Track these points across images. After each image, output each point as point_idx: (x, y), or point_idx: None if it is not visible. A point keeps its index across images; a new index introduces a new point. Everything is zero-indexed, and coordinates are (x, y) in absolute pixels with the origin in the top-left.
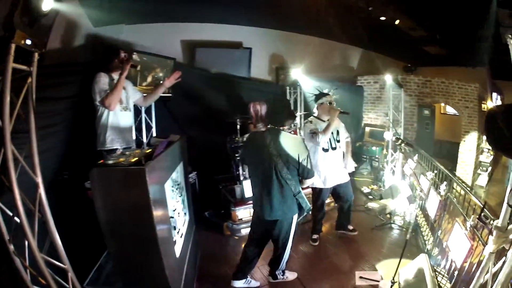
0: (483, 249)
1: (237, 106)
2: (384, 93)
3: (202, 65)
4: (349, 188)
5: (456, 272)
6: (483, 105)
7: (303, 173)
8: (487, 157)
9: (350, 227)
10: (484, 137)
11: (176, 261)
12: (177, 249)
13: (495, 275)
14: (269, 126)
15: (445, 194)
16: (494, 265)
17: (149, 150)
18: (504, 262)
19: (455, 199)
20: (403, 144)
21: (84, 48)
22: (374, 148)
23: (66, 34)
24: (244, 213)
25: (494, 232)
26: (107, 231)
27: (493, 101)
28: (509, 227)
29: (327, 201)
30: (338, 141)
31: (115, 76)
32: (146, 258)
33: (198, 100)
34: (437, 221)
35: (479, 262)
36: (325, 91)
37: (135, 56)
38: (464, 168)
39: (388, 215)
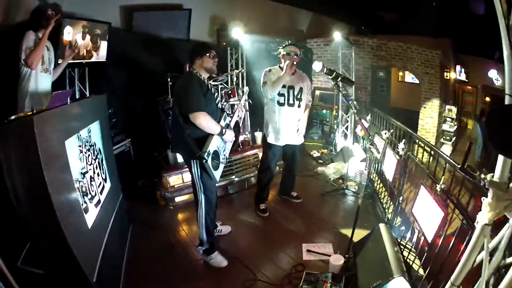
0: (463, 219)
1: (173, 67)
2: (334, 54)
3: (140, 29)
4: (298, 151)
5: (426, 247)
6: (445, 73)
7: (181, 109)
8: (450, 126)
9: (294, 194)
10: (448, 106)
11: (86, 232)
12: (89, 219)
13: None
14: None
15: (405, 153)
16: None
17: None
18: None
19: (417, 159)
20: (339, 79)
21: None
22: (324, 111)
23: (9, 11)
24: (177, 179)
25: (490, 193)
26: (13, 199)
27: (457, 74)
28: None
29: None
30: (299, 100)
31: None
32: (45, 226)
33: (135, 65)
34: (396, 185)
35: (460, 234)
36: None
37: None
38: (425, 135)
39: (340, 180)
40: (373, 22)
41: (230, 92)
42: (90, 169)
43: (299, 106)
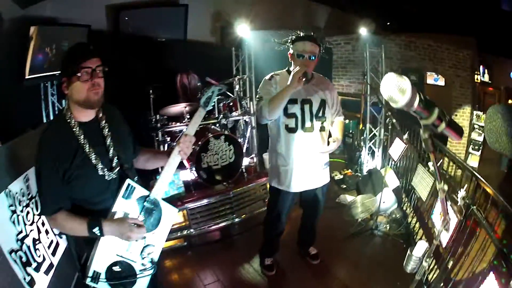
0: None
1: (164, 75)
2: (358, 54)
3: (128, 31)
4: (322, 195)
5: None
6: (476, 76)
7: None
8: (478, 134)
9: (313, 251)
10: (476, 112)
11: None
12: None
13: None
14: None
15: (466, 206)
16: None
17: None
18: None
19: (484, 221)
20: (443, 126)
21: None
22: (347, 121)
23: None
24: None
25: None
26: None
27: (480, 74)
28: None
29: None
30: (321, 120)
31: None
32: None
33: (121, 73)
34: (449, 250)
35: None
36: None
37: (32, 30)
38: (456, 146)
39: (369, 216)
40: (399, 17)
41: (231, 104)
42: (31, 230)
43: (321, 129)
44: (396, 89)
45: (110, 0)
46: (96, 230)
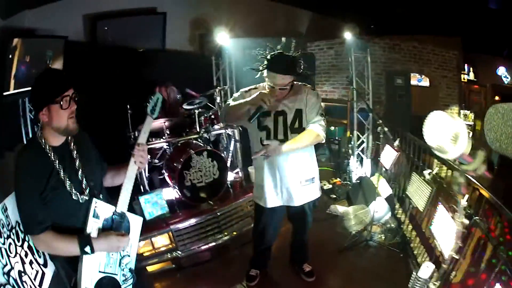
0: None
1: (139, 86)
2: (341, 59)
3: (105, 41)
4: (309, 210)
5: None
6: (462, 75)
7: None
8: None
9: (306, 268)
10: (463, 111)
11: None
12: None
13: None
14: None
15: (468, 216)
16: None
17: None
18: None
19: (490, 232)
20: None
21: None
22: (332, 128)
23: None
24: (144, 245)
25: None
26: None
27: (466, 73)
28: None
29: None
30: (295, 130)
31: None
32: None
33: (98, 87)
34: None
35: None
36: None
37: (15, 42)
38: None
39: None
40: (383, 20)
41: (213, 116)
42: (16, 262)
43: None
44: (449, 137)
45: (88, 10)
46: (87, 249)
